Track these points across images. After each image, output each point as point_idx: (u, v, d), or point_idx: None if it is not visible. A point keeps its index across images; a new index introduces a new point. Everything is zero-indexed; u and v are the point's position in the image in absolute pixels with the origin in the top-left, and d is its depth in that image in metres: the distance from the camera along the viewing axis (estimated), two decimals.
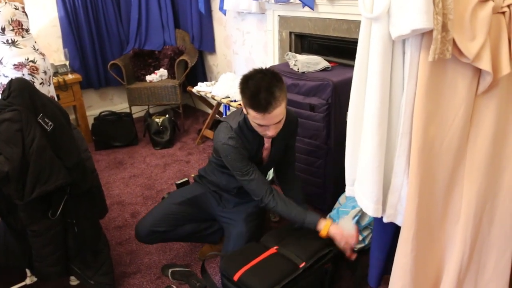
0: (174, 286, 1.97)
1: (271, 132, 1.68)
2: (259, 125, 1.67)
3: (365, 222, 2.06)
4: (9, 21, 2.16)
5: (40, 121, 1.62)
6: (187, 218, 2.00)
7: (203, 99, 3.72)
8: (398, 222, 1.38)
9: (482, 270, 1.35)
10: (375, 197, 1.33)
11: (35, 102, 1.62)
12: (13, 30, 2.18)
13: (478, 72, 1.17)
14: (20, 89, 1.59)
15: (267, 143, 1.90)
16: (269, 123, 1.64)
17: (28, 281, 1.86)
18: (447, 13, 1.06)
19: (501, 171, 1.27)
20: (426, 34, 1.12)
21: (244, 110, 1.73)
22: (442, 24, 1.06)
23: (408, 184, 1.28)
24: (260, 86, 1.58)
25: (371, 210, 1.35)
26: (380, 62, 1.19)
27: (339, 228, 1.72)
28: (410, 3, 1.05)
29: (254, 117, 1.64)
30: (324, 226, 1.72)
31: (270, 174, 2.78)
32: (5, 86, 2.17)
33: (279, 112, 1.61)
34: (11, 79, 1.64)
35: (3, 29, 2.15)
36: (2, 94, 1.62)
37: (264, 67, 1.69)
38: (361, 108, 1.33)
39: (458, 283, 1.34)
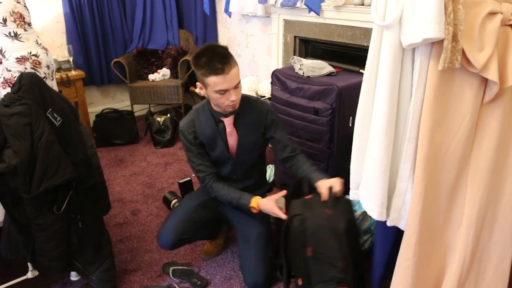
0: (175, 284, 1.99)
1: (233, 96, 1.73)
2: (221, 92, 1.71)
3: (365, 226, 2.09)
4: (10, 12, 2.16)
5: (49, 116, 1.63)
6: (204, 222, 2.02)
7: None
8: (401, 226, 1.41)
9: (482, 275, 1.38)
10: (380, 200, 1.35)
11: (45, 97, 1.63)
12: (14, 21, 2.18)
13: (485, 81, 1.20)
14: (31, 83, 1.60)
15: (228, 127, 1.90)
16: (229, 85, 1.69)
17: (29, 275, 1.86)
18: (458, 23, 1.09)
19: (503, 179, 1.30)
20: (436, 44, 1.15)
21: (202, 90, 1.80)
22: (453, 34, 1.09)
23: (412, 188, 1.31)
24: (212, 54, 1.68)
25: (376, 214, 1.37)
26: (390, 69, 1.22)
27: (267, 199, 1.83)
28: (422, 13, 1.08)
29: (214, 83, 1.69)
30: (254, 200, 1.85)
31: (271, 176, 2.79)
32: (9, 80, 2.20)
33: (235, 73, 1.70)
34: (22, 73, 1.65)
35: (5, 20, 2.15)
36: (12, 87, 1.62)
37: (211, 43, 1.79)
38: (369, 113, 1.35)
39: (459, 287, 1.37)
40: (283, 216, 1.73)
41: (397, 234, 1.51)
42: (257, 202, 1.85)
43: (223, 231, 2.30)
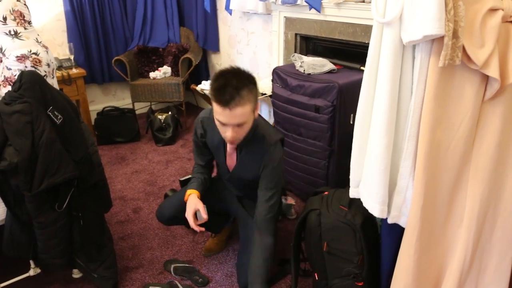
0: (176, 282, 1.99)
1: (229, 133, 1.59)
2: (220, 123, 1.59)
3: None
4: (10, 11, 2.17)
5: (50, 114, 1.64)
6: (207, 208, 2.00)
7: (206, 98, 3.73)
8: (402, 224, 1.41)
9: (483, 273, 1.38)
10: (381, 198, 1.35)
11: (45, 95, 1.64)
12: (15, 20, 2.19)
13: (486, 78, 1.19)
14: (31, 81, 1.61)
15: (229, 149, 1.84)
16: (228, 121, 1.55)
17: (31, 272, 1.87)
18: (458, 20, 1.08)
19: (505, 177, 1.30)
20: (437, 40, 1.14)
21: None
22: (453, 31, 1.08)
23: (413, 186, 1.31)
24: (229, 81, 1.52)
25: (377, 211, 1.37)
26: (390, 66, 1.21)
27: (195, 203, 1.81)
28: (422, 10, 1.08)
29: (216, 111, 1.56)
30: (189, 191, 1.87)
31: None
32: (9, 78, 2.20)
33: (241, 112, 1.53)
34: (22, 71, 1.66)
35: (5, 19, 2.15)
36: (13, 86, 1.63)
37: (242, 68, 1.62)
38: (369, 110, 1.35)
39: (459, 285, 1.37)
40: (193, 226, 1.77)
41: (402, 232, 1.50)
42: (188, 196, 1.86)
43: (227, 228, 2.30)
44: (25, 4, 2.30)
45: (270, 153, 1.75)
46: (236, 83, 1.51)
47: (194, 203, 1.80)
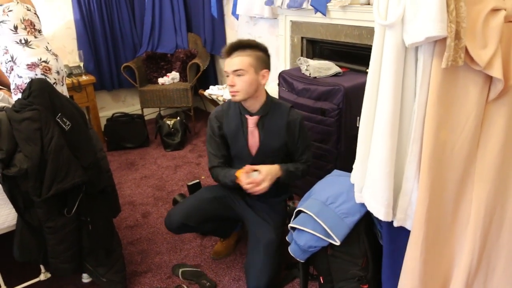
0: (184, 286, 2.00)
1: (229, 81, 1.80)
2: (226, 73, 1.82)
3: None
4: (21, 20, 2.22)
5: (59, 120, 1.67)
6: (214, 215, 2.03)
7: (214, 102, 3.75)
8: (408, 226, 1.40)
9: (491, 274, 1.36)
10: (386, 201, 1.34)
11: (54, 102, 1.67)
12: (25, 29, 2.23)
13: (489, 79, 1.19)
14: (40, 89, 1.64)
15: (250, 125, 1.93)
16: (228, 69, 1.79)
17: (42, 277, 1.90)
18: (461, 21, 1.08)
19: (510, 177, 1.28)
20: (439, 42, 1.14)
21: None
22: (456, 32, 1.08)
23: (418, 188, 1.30)
24: (238, 41, 1.80)
25: (382, 214, 1.36)
26: (393, 68, 1.21)
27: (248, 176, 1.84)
28: (424, 11, 1.08)
29: (224, 65, 1.83)
30: (237, 173, 1.86)
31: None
32: (20, 86, 2.25)
33: (239, 61, 1.77)
34: (32, 79, 1.69)
35: (16, 28, 2.20)
36: (22, 93, 1.66)
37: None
38: (373, 114, 1.35)
39: (467, 286, 1.35)
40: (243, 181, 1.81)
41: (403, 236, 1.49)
42: (239, 176, 1.85)
43: (235, 233, 2.31)
44: (35, 13, 2.35)
45: (291, 114, 1.93)
46: (241, 41, 1.79)
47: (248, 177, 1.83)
